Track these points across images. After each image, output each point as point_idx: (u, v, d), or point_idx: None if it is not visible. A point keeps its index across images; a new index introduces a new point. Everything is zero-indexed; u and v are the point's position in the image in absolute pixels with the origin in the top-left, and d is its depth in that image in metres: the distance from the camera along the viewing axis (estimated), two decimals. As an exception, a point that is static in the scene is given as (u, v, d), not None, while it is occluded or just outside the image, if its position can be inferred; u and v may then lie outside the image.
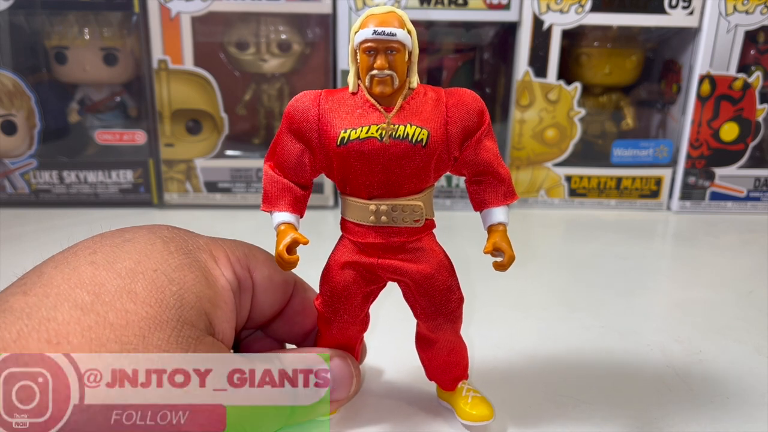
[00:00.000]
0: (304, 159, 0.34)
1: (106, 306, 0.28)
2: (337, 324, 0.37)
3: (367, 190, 0.34)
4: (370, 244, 0.35)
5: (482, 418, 0.38)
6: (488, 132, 0.35)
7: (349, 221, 0.35)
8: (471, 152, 0.34)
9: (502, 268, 0.35)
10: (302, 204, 0.35)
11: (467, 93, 0.34)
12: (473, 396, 0.39)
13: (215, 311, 0.32)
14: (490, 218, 0.35)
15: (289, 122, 0.34)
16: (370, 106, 0.33)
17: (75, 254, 0.30)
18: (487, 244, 0.35)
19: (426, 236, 0.35)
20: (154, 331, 0.28)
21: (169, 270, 0.31)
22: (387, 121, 0.32)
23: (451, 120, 0.33)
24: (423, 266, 0.35)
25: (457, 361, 0.40)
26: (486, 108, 0.35)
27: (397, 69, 0.32)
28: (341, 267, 0.36)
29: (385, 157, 0.33)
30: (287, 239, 0.33)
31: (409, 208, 0.34)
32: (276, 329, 0.40)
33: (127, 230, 0.33)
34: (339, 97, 0.34)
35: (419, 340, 0.39)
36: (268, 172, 0.35)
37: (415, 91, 0.33)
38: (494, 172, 0.35)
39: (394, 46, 0.32)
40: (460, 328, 0.38)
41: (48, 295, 0.28)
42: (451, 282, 0.36)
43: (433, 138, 0.33)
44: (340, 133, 0.32)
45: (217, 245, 0.35)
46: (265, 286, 0.37)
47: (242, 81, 0.84)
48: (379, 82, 0.32)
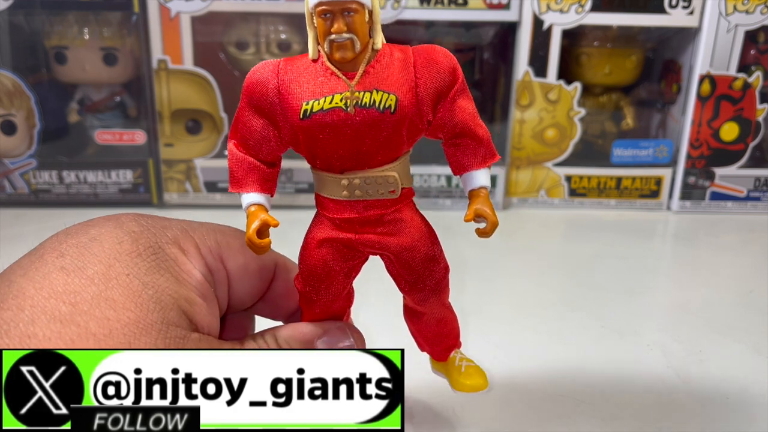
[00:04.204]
0: (269, 134, 0.32)
1: (85, 316, 0.27)
2: (320, 303, 0.35)
3: (337, 163, 0.32)
4: (346, 219, 0.33)
5: (476, 387, 0.37)
6: (462, 90, 0.32)
7: (322, 196, 0.33)
8: (445, 114, 0.32)
9: (484, 234, 0.32)
10: (272, 182, 0.33)
11: (437, 50, 0.32)
12: (467, 365, 0.38)
13: (193, 308, 0.31)
14: (471, 182, 0.33)
15: (248, 96, 0.32)
16: (331, 74, 0.30)
17: (42, 258, 0.29)
18: (468, 211, 0.33)
19: (404, 206, 0.34)
20: (140, 335, 0.28)
21: (141, 273, 0.30)
22: (350, 89, 0.30)
23: (421, 81, 0.31)
24: (403, 238, 0.33)
25: (447, 331, 0.38)
26: (458, 65, 0.32)
27: (357, 31, 0.30)
28: (318, 244, 0.34)
29: (352, 127, 0.30)
30: (256, 223, 0.31)
31: (383, 179, 0.32)
32: (259, 310, 0.39)
33: (93, 226, 0.32)
34: (299, 65, 0.31)
35: (407, 312, 0.38)
36: (232, 150, 0.33)
37: (380, 53, 0.31)
38: (472, 133, 0.33)
39: (351, 7, 0.29)
40: (447, 297, 0.37)
41: (23, 308, 0.27)
42: (434, 251, 0.34)
43: (402, 103, 0.30)
44: (302, 105, 0.30)
45: (187, 236, 0.34)
46: (240, 276, 0.35)
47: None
48: (338, 47, 0.30)
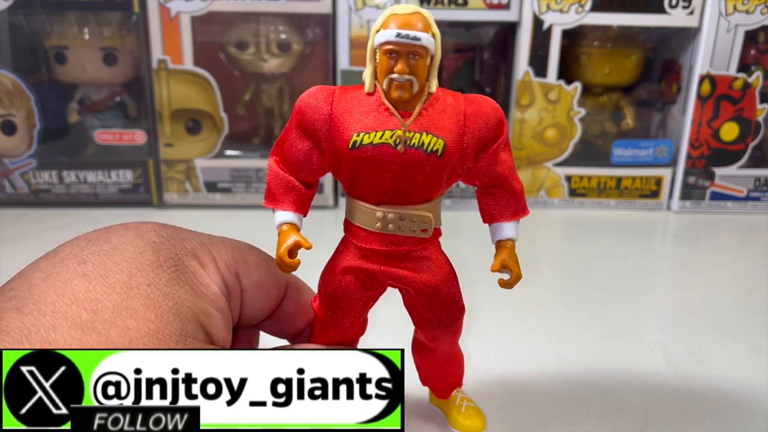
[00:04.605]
0: (312, 157, 0.32)
1: (106, 324, 0.27)
2: (335, 328, 0.36)
3: (375, 196, 0.33)
4: (375, 251, 0.33)
5: (475, 428, 0.38)
6: (506, 144, 0.33)
7: (354, 224, 0.34)
8: (486, 164, 0.33)
9: (507, 286, 0.34)
10: (306, 203, 0.34)
11: (487, 102, 0.33)
12: (467, 405, 0.39)
13: (210, 321, 0.32)
14: (499, 233, 0.34)
15: (299, 118, 0.32)
16: (386, 110, 0.31)
17: (63, 263, 0.29)
18: (494, 262, 0.34)
19: (431, 245, 0.34)
20: (159, 346, 0.28)
21: (162, 284, 0.30)
22: (403, 129, 0.31)
23: (469, 130, 0.32)
24: (428, 276, 0.34)
25: (453, 370, 0.39)
26: (505, 119, 0.33)
27: (418, 74, 0.30)
28: (343, 271, 0.34)
29: (397, 164, 0.31)
30: (289, 241, 0.32)
31: (417, 218, 0.33)
32: (266, 327, 0.40)
33: (113, 233, 0.32)
34: (353, 96, 0.32)
35: (416, 346, 0.39)
36: (273, 167, 0.33)
37: (434, 97, 0.32)
38: (508, 185, 0.34)
39: (417, 51, 0.30)
40: (459, 338, 0.38)
41: (44, 314, 0.27)
42: (455, 293, 0.35)
43: (448, 148, 0.31)
44: (352, 136, 0.31)
45: (205, 249, 0.34)
46: (254, 292, 0.36)
47: (242, 81, 0.84)
48: (398, 87, 0.30)
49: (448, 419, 0.40)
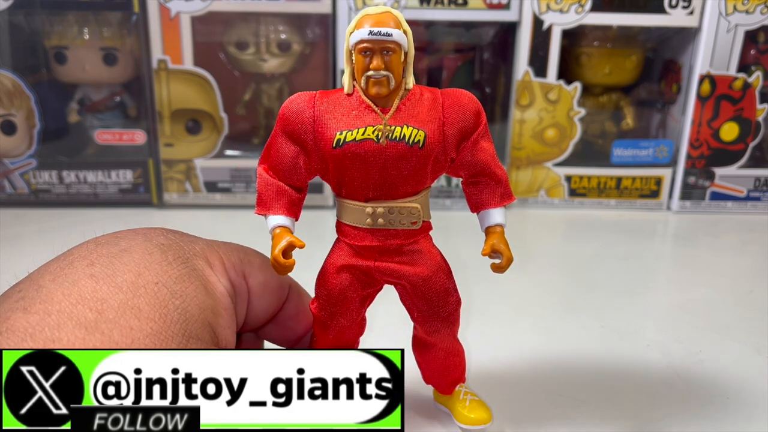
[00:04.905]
0: (299, 161, 0.34)
1: (110, 324, 0.27)
2: (334, 328, 0.36)
3: (363, 193, 0.34)
4: (367, 247, 0.34)
5: (480, 421, 0.38)
6: (485, 133, 0.34)
7: (345, 224, 0.35)
8: (468, 153, 0.34)
9: (499, 269, 0.35)
10: (297, 207, 0.35)
11: (463, 94, 0.34)
12: (471, 399, 0.39)
13: (217, 320, 0.32)
14: (488, 220, 0.35)
15: (283, 124, 0.33)
16: (366, 107, 0.32)
17: (72, 265, 0.30)
18: (485, 246, 0.35)
19: (423, 238, 0.35)
20: (161, 346, 0.28)
21: (170, 282, 0.30)
22: (384, 123, 0.32)
23: (448, 121, 0.33)
24: (420, 269, 0.35)
25: (455, 364, 0.39)
26: (482, 108, 0.34)
27: (393, 70, 0.32)
28: (337, 270, 0.35)
29: (381, 158, 0.32)
30: (283, 243, 0.33)
31: (406, 211, 0.34)
32: (268, 333, 0.40)
33: (122, 237, 0.33)
34: (334, 98, 0.33)
35: (416, 343, 0.39)
36: (262, 174, 0.34)
37: (411, 92, 0.33)
38: (491, 173, 0.35)
39: (390, 47, 0.31)
40: (457, 331, 0.38)
41: (50, 313, 0.27)
42: (449, 284, 0.36)
43: (429, 139, 0.32)
44: (335, 135, 0.32)
45: (213, 251, 0.35)
46: (259, 293, 0.36)
47: (242, 81, 0.84)
48: (375, 83, 0.32)
49: (454, 415, 0.40)
